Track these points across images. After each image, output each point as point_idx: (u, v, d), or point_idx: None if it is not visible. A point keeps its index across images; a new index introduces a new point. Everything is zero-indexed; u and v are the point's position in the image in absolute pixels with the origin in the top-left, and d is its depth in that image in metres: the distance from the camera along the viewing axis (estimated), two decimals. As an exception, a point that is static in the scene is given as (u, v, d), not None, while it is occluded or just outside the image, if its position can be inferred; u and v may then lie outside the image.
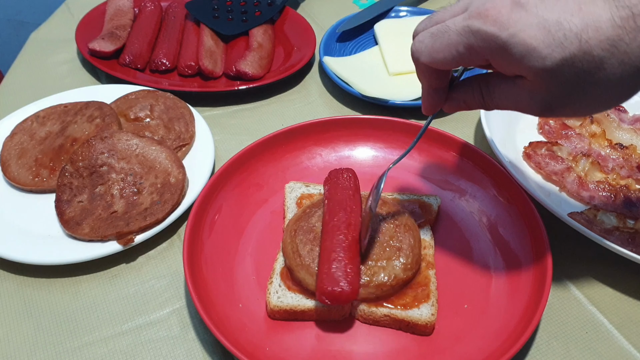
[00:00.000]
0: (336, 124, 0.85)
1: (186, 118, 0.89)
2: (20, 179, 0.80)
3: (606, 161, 0.83)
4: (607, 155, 0.84)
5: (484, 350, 0.60)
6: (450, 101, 0.57)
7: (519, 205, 0.73)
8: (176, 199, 0.75)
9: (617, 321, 0.66)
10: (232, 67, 1.02)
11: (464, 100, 0.56)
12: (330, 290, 0.58)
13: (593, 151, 0.84)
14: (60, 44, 1.15)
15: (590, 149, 0.85)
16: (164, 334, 0.65)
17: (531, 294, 0.64)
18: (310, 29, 1.12)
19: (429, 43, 0.50)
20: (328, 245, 0.63)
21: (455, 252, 0.72)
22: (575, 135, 0.87)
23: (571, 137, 0.87)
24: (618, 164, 0.82)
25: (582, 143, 0.86)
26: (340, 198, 0.68)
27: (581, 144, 0.86)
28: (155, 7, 1.16)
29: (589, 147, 0.85)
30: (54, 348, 0.64)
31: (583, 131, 0.88)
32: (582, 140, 0.86)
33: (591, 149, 0.85)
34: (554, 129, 0.89)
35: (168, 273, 0.72)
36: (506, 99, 0.51)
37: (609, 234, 0.70)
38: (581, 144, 0.86)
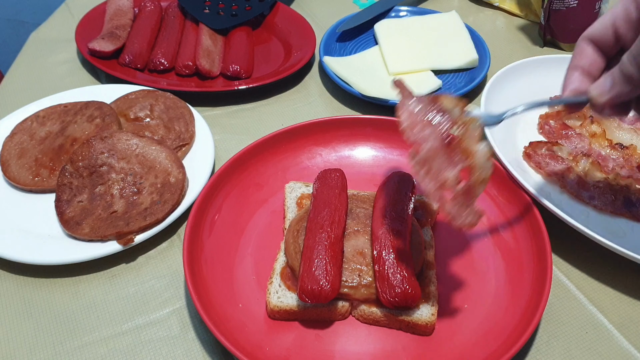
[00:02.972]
0: (336, 124, 0.85)
1: (186, 118, 0.89)
2: (20, 179, 0.80)
3: (606, 161, 0.83)
4: (608, 155, 0.84)
5: (484, 350, 0.60)
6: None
7: (519, 205, 0.73)
8: (176, 198, 0.75)
9: (617, 321, 0.66)
10: (228, 66, 1.03)
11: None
12: (310, 288, 0.59)
13: (593, 151, 0.84)
14: (60, 44, 1.15)
15: (591, 149, 0.85)
16: (164, 334, 0.65)
17: (531, 294, 0.64)
18: (310, 29, 1.12)
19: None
20: (310, 244, 0.63)
21: (455, 252, 0.72)
22: (575, 135, 0.87)
23: (571, 137, 0.86)
24: (618, 164, 0.82)
25: (582, 143, 0.86)
26: (326, 197, 0.69)
27: (581, 144, 0.85)
28: (155, 7, 1.16)
29: (589, 147, 0.85)
30: (54, 348, 0.64)
31: (583, 131, 0.88)
32: (583, 140, 0.86)
33: (591, 149, 0.85)
34: (554, 129, 0.89)
35: (168, 273, 0.72)
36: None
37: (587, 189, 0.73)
38: (581, 144, 0.85)
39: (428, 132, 0.55)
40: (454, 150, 0.54)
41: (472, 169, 0.54)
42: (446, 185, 0.53)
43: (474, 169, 0.54)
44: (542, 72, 0.94)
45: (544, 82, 0.90)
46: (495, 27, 1.21)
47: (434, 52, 1.06)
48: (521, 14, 1.23)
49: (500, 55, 1.09)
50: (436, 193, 0.53)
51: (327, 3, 1.29)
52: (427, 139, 0.54)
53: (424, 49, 1.07)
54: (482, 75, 0.99)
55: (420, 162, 0.54)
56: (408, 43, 1.08)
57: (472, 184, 0.54)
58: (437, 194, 0.53)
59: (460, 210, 0.53)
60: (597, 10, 1.07)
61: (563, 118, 0.91)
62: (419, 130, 0.55)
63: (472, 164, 0.54)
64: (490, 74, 0.99)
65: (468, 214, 0.53)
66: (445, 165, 0.54)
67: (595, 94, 0.52)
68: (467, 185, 0.54)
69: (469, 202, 0.54)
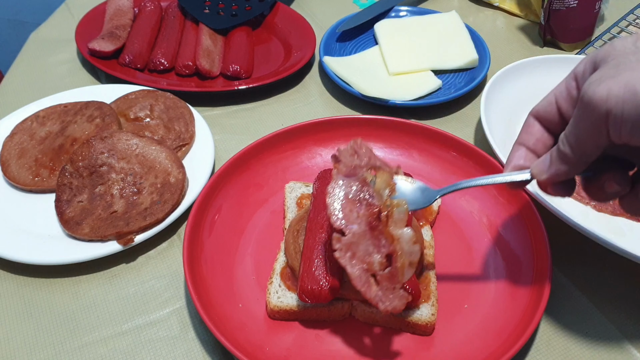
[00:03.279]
0: (336, 124, 0.85)
1: (186, 118, 0.89)
2: (20, 179, 0.80)
3: (606, 161, 0.83)
4: (607, 155, 0.84)
5: (484, 350, 0.60)
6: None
7: (519, 205, 0.73)
8: (176, 198, 0.75)
9: (617, 321, 0.66)
10: (228, 66, 1.03)
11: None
12: (310, 288, 0.59)
13: (593, 151, 0.84)
14: (60, 44, 1.15)
15: (591, 149, 0.85)
16: (164, 334, 0.65)
17: (531, 294, 0.64)
18: (310, 29, 1.12)
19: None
20: (310, 244, 0.63)
21: (455, 252, 0.72)
22: (575, 135, 0.86)
23: (571, 137, 0.86)
24: (618, 163, 0.82)
25: (582, 143, 0.86)
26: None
27: (581, 144, 0.85)
28: (155, 6, 1.16)
29: (589, 147, 0.85)
30: (54, 348, 0.64)
31: (583, 131, 0.87)
32: (582, 140, 0.86)
33: (591, 148, 0.85)
34: (554, 129, 0.89)
35: (168, 273, 0.72)
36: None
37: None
38: (581, 144, 0.85)
39: (354, 216, 0.55)
40: (379, 234, 0.55)
41: (397, 253, 0.54)
42: (371, 269, 0.54)
43: (398, 253, 0.54)
44: (542, 72, 0.94)
45: (544, 82, 0.90)
46: (495, 27, 1.21)
47: (434, 52, 1.06)
48: (521, 14, 1.23)
49: (500, 55, 1.09)
50: (361, 277, 0.53)
51: (327, 3, 1.29)
52: (352, 223, 0.55)
53: (424, 49, 1.07)
54: (482, 75, 0.99)
55: (346, 246, 0.54)
56: (408, 43, 1.08)
57: (398, 268, 0.54)
58: (362, 279, 0.53)
59: (385, 294, 0.53)
60: (597, 10, 1.07)
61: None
62: (345, 215, 0.55)
63: (397, 248, 0.54)
64: (490, 74, 0.99)
65: (393, 298, 0.53)
66: (370, 250, 0.54)
67: (535, 172, 0.52)
68: (392, 270, 0.54)
69: (394, 287, 0.54)
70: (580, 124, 0.45)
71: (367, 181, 0.57)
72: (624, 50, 0.43)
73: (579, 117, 0.45)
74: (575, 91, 0.49)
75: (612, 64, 0.43)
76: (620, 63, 0.42)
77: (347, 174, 0.59)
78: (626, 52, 0.43)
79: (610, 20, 1.18)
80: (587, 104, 0.43)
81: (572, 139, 0.47)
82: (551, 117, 0.52)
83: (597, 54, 0.46)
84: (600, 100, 0.42)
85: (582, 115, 0.45)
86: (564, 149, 0.48)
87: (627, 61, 0.42)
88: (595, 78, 0.43)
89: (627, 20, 1.18)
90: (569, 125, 0.47)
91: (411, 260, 0.54)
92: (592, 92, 0.42)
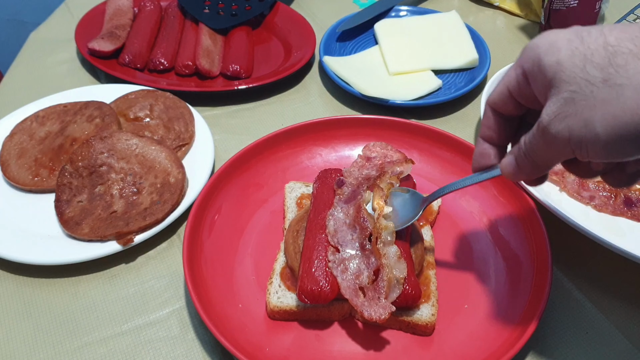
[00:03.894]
0: (336, 124, 0.85)
1: (186, 118, 0.89)
2: (20, 179, 0.80)
3: (606, 161, 0.83)
4: (607, 155, 0.84)
5: (484, 350, 0.60)
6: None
7: (519, 205, 0.73)
8: (176, 198, 0.75)
9: (617, 321, 0.66)
10: (228, 66, 1.02)
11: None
12: (309, 289, 0.59)
13: (593, 151, 0.84)
14: (59, 44, 1.15)
15: (591, 149, 0.85)
16: (164, 334, 0.65)
17: (531, 294, 0.64)
18: (310, 29, 1.12)
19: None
20: (310, 244, 0.63)
21: (455, 252, 0.72)
22: (575, 135, 0.86)
23: (571, 137, 0.86)
24: (618, 163, 0.82)
25: (582, 143, 0.86)
26: (326, 197, 0.69)
27: (581, 144, 0.85)
28: (154, 6, 1.16)
29: (589, 147, 0.85)
30: (54, 348, 0.64)
31: (583, 131, 0.87)
32: (582, 140, 0.86)
33: (591, 148, 0.85)
34: (554, 129, 0.89)
35: (168, 273, 0.72)
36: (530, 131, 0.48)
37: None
38: (581, 144, 0.85)
39: (349, 238, 0.63)
40: (369, 253, 0.61)
41: (384, 268, 0.59)
42: (360, 282, 0.59)
43: (385, 268, 0.59)
44: (542, 72, 0.94)
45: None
46: (495, 27, 1.21)
47: (434, 52, 1.06)
48: (521, 14, 1.23)
49: (500, 55, 1.09)
50: (350, 288, 0.59)
51: (327, 3, 1.29)
52: (347, 244, 0.62)
53: (424, 49, 1.07)
54: (482, 75, 0.99)
55: (339, 260, 0.61)
56: (408, 43, 1.08)
57: (384, 281, 0.58)
58: (350, 289, 0.59)
59: (370, 304, 0.58)
60: (598, 10, 1.07)
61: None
62: (341, 237, 0.63)
63: (385, 264, 0.59)
64: (490, 74, 0.99)
65: (378, 307, 0.58)
66: (361, 268, 0.61)
67: (506, 173, 0.52)
68: (379, 282, 0.59)
69: (379, 297, 0.58)
70: (544, 150, 0.46)
71: (362, 208, 0.64)
72: (574, 74, 0.42)
73: (542, 145, 0.46)
74: (527, 89, 0.48)
75: (568, 97, 0.42)
76: (576, 98, 0.42)
77: (347, 200, 0.66)
78: (576, 77, 0.42)
79: (610, 20, 1.18)
80: (552, 140, 0.44)
81: (536, 157, 0.48)
82: (507, 107, 0.52)
83: (544, 60, 0.44)
84: (564, 140, 0.43)
85: (546, 145, 0.46)
86: (527, 161, 0.49)
87: (582, 94, 0.41)
88: (555, 113, 0.43)
89: (627, 20, 1.18)
90: (529, 141, 0.48)
91: (398, 277, 0.58)
92: (555, 131, 0.43)
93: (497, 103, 0.52)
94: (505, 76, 0.51)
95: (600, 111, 0.40)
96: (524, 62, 0.47)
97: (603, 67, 0.41)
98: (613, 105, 0.40)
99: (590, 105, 0.41)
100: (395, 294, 0.58)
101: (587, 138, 0.42)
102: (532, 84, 0.47)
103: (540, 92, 0.46)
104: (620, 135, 0.40)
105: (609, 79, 0.40)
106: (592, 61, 0.41)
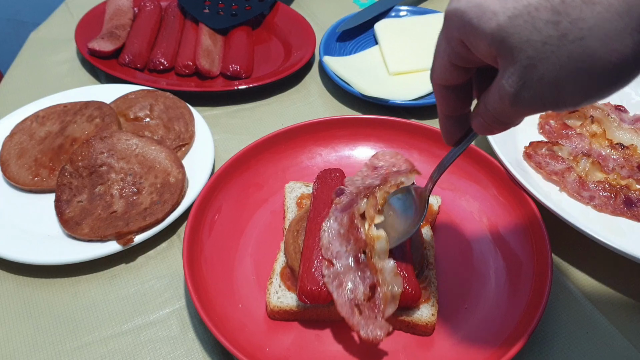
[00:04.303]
0: (336, 124, 0.85)
1: (186, 118, 0.89)
2: (20, 179, 0.80)
3: (607, 161, 0.83)
4: (608, 155, 0.84)
5: (484, 350, 0.60)
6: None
7: (519, 205, 0.73)
8: (176, 198, 0.75)
9: (617, 321, 0.66)
10: (228, 66, 1.02)
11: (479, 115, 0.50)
12: (309, 289, 0.59)
13: (594, 151, 0.84)
14: (59, 44, 1.15)
15: (591, 149, 0.85)
16: (164, 334, 0.65)
17: (531, 294, 0.64)
18: (310, 29, 1.12)
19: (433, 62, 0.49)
20: (310, 244, 0.63)
21: (455, 252, 0.72)
22: (575, 135, 0.87)
23: (572, 137, 0.86)
24: (619, 164, 0.82)
25: (582, 143, 0.86)
26: (326, 197, 0.69)
27: (582, 144, 0.85)
28: (154, 6, 1.16)
29: (589, 147, 0.85)
30: (54, 348, 0.64)
31: (584, 131, 0.88)
32: (583, 140, 0.86)
33: (592, 148, 0.85)
34: (554, 129, 0.89)
35: (168, 273, 0.72)
36: (491, 95, 0.45)
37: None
38: (582, 144, 0.85)
39: (343, 250, 0.61)
40: (364, 267, 0.59)
41: (380, 284, 0.58)
42: (355, 299, 0.58)
43: (381, 284, 0.58)
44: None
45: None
46: (495, 26, 1.21)
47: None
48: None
49: (500, 55, 1.09)
50: (345, 305, 0.58)
51: (327, 3, 1.29)
52: (340, 257, 0.60)
53: (424, 49, 1.07)
54: (482, 75, 0.99)
55: (333, 274, 0.59)
56: (408, 43, 1.08)
57: (380, 298, 0.58)
58: (346, 306, 0.58)
59: (367, 323, 0.57)
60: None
61: (563, 118, 0.91)
62: (335, 248, 0.61)
63: (380, 279, 0.58)
64: (490, 73, 0.99)
65: (375, 327, 0.56)
66: (356, 283, 0.59)
67: (481, 133, 0.51)
68: (376, 299, 0.58)
69: (376, 316, 0.57)
70: (515, 114, 0.44)
71: (355, 217, 0.62)
72: (525, 38, 0.38)
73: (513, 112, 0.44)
74: (470, 55, 0.44)
75: (527, 64, 0.39)
76: (536, 63, 0.39)
77: (343, 209, 0.64)
78: (529, 41, 0.38)
79: None
80: (523, 109, 0.43)
81: (507, 119, 0.46)
82: (457, 78, 0.49)
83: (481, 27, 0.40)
84: (537, 106, 0.42)
85: (516, 112, 0.44)
86: (498, 123, 0.47)
87: (542, 57, 0.38)
88: (518, 83, 0.40)
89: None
90: (496, 108, 0.45)
91: (393, 293, 0.57)
92: (525, 101, 0.41)
93: (444, 78, 0.49)
94: (440, 50, 0.47)
95: (568, 70, 0.38)
96: (454, 31, 0.43)
97: (555, 23, 0.37)
98: (581, 61, 0.37)
99: (554, 66, 0.38)
100: (391, 309, 0.57)
101: (562, 98, 0.40)
102: (474, 51, 0.43)
103: (488, 57, 0.43)
104: (595, 88, 0.39)
105: (566, 34, 0.37)
106: (540, 19, 0.37)
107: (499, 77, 0.42)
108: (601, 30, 0.36)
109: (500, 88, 0.42)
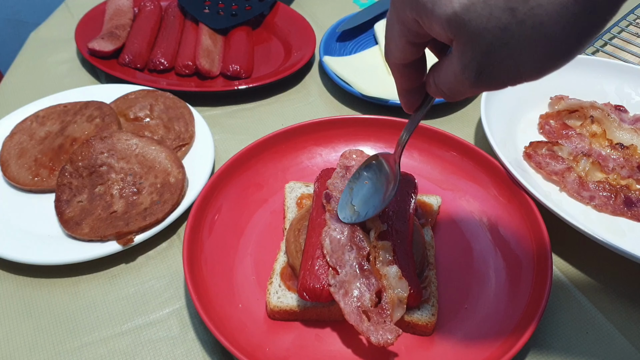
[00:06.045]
0: (336, 124, 0.85)
1: (186, 118, 0.89)
2: (20, 179, 0.80)
3: (607, 161, 0.83)
4: (608, 155, 0.84)
5: (484, 350, 0.60)
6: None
7: (519, 205, 0.73)
8: (176, 198, 0.75)
9: (617, 321, 0.66)
10: (228, 66, 1.03)
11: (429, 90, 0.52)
12: (311, 286, 0.59)
13: (594, 151, 0.84)
14: (59, 44, 1.15)
15: (591, 149, 0.85)
16: (164, 334, 0.65)
17: (531, 294, 0.64)
18: (310, 29, 1.12)
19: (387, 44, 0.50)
20: (312, 242, 0.63)
21: (455, 252, 0.72)
22: (575, 135, 0.87)
23: (572, 137, 0.86)
24: (619, 164, 0.82)
25: (582, 143, 0.86)
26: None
27: (582, 144, 0.86)
28: (154, 6, 1.16)
29: (589, 147, 0.85)
30: (54, 348, 0.64)
31: (584, 131, 0.88)
32: (583, 140, 0.86)
33: (592, 149, 0.85)
34: (554, 129, 0.89)
35: (168, 273, 0.72)
36: (445, 75, 0.46)
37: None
38: (582, 144, 0.86)
39: (346, 258, 0.61)
40: (369, 274, 0.60)
41: (385, 289, 0.58)
42: (363, 306, 0.58)
43: (387, 289, 0.58)
44: (542, 72, 0.94)
45: (544, 81, 0.90)
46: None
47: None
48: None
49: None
50: (353, 313, 0.58)
51: (327, 3, 1.29)
52: (344, 265, 0.60)
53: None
54: (482, 75, 0.99)
55: (339, 283, 0.59)
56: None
57: (387, 303, 0.58)
58: (354, 314, 0.58)
59: (376, 328, 0.57)
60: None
61: (564, 118, 0.91)
62: (338, 257, 0.61)
63: (386, 284, 0.59)
64: (490, 73, 0.99)
65: (384, 332, 0.57)
66: (362, 290, 0.59)
67: (445, 100, 0.51)
68: (383, 305, 0.58)
69: (385, 321, 0.57)
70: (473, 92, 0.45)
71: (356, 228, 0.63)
72: (482, 25, 0.39)
73: (471, 91, 0.45)
74: (425, 32, 0.44)
75: (486, 50, 0.40)
76: (496, 49, 0.40)
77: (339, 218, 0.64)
78: (487, 28, 0.39)
79: (610, 21, 1.18)
80: (483, 89, 0.44)
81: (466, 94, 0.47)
82: (415, 55, 0.49)
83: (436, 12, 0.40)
84: (497, 86, 0.43)
85: (475, 91, 0.45)
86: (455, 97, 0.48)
87: (502, 43, 0.39)
88: (478, 69, 0.42)
89: (628, 20, 1.18)
90: (455, 87, 0.45)
91: (400, 297, 0.58)
92: (485, 83, 0.43)
93: (403, 57, 0.49)
94: (393, 32, 0.47)
95: (529, 53, 0.39)
96: (407, 12, 0.43)
97: (513, 9, 0.37)
98: (542, 45, 0.38)
99: (515, 51, 0.39)
100: (399, 313, 0.58)
101: (520, 76, 0.41)
102: (428, 31, 0.43)
103: (442, 38, 0.43)
104: (552, 65, 0.40)
105: (524, 20, 0.37)
106: (497, 6, 0.37)
107: (454, 57, 0.43)
108: (560, 15, 0.37)
109: (457, 71, 0.43)
